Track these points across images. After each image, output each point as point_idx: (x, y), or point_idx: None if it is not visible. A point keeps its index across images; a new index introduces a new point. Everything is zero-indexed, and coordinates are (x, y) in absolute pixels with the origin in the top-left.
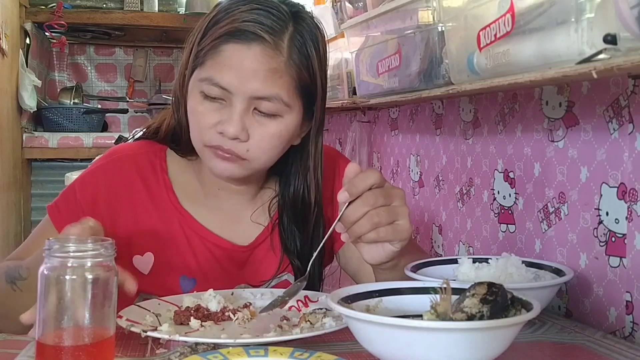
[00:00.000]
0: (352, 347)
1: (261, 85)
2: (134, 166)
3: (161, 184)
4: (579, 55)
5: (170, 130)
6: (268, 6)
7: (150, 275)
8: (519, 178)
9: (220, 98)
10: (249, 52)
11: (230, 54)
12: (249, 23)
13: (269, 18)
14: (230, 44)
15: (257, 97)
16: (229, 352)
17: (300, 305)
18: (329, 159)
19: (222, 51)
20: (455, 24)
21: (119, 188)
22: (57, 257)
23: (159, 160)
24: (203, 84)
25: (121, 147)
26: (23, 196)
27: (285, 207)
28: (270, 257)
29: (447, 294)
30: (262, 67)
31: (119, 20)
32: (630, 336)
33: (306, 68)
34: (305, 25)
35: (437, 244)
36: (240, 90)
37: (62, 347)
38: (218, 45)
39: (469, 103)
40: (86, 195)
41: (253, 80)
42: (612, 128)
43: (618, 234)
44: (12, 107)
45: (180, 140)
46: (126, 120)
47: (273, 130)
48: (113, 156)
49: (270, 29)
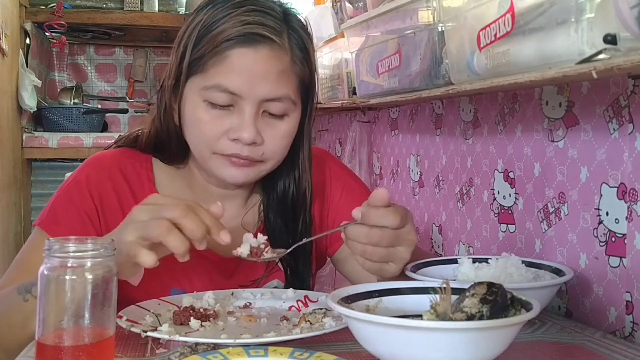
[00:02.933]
0: (352, 347)
1: (272, 88)
2: (120, 174)
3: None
4: (579, 55)
5: (152, 139)
6: (264, 7)
7: (140, 288)
8: (519, 178)
9: (229, 104)
10: (257, 55)
11: (238, 59)
12: (253, 25)
13: (269, 19)
14: (236, 48)
15: (267, 99)
16: (229, 352)
17: (300, 305)
18: (318, 160)
19: (227, 57)
20: (455, 24)
21: (110, 197)
22: (57, 257)
23: (145, 171)
24: (208, 92)
25: (102, 155)
26: (23, 196)
27: (271, 205)
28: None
29: (447, 294)
30: (271, 69)
31: (119, 20)
32: (630, 336)
33: (307, 64)
34: (295, 20)
35: (437, 244)
36: (251, 94)
37: (62, 347)
38: (222, 51)
39: (469, 103)
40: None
41: (264, 83)
42: (612, 128)
43: (618, 234)
44: (12, 107)
45: (166, 149)
46: (126, 120)
47: (284, 129)
48: (97, 164)
49: (274, 29)
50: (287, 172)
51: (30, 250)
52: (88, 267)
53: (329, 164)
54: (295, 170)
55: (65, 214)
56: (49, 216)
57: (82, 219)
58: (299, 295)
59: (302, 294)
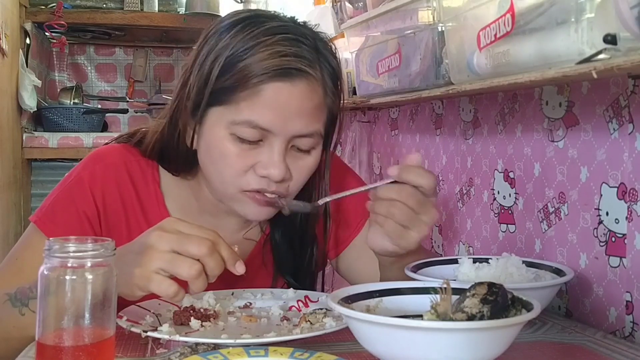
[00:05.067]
0: (352, 347)
1: (306, 124)
2: (126, 173)
3: (152, 196)
4: (579, 55)
5: (157, 148)
6: (297, 34)
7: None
8: (519, 178)
9: (258, 139)
10: (294, 90)
11: (273, 94)
12: (290, 58)
13: (304, 49)
14: (272, 83)
15: (299, 135)
16: (229, 352)
17: (300, 305)
18: (335, 174)
19: (261, 91)
20: (455, 24)
21: (114, 197)
22: (57, 257)
23: (150, 170)
24: (237, 126)
25: (107, 150)
26: (23, 196)
27: (278, 224)
28: (263, 273)
29: (447, 294)
30: (307, 104)
31: (119, 20)
32: (630, 336)
33: (337, 97)
34: (325, 47)
35: (437, 244)
36: (283, 131)
37: (62, 347)
38: (256, 85)
39: (469, 103)
40: (89, 204)
41: (298, 120)
42: (612, 128)
43: (618, 234)
44: (12, 107)
45: (171, 162)
46: (126, 120)
47: (309, 163)
48: (104, 161)
49: (309, 61)
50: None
51: (25, 248)
52: (88, 267)
53: (347, 179)
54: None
55: (64, 214)
56: (46, 214)
57: (80, 220)
58: (299, 295)
59: (303, 294)
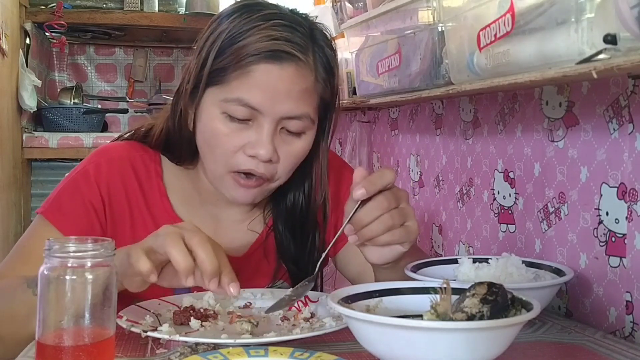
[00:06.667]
0: (352, 347)
1: (294, 106)
2: (130, 168)
3: (155, 189)
4: (579, 55)
5: (162, 137)
6: (291, 22)
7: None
8: (519, 178)
9: (247, 119)
10: (282, 73)
11: (262, 75)
12: (280, 42)
13: (296, 35)
14: (262, 64)
15: (287, 117)
16: (229, 352)
17: (300, 305)
18: (332, 167)
19: (252, 71)
20: (455, 24)
21: (118, 190)
22: (57, 257)
23: (153, 164)
24: (228, 104)
25: (113, 147)
26: (23, 196)
27: (280, 214)
28: (264, 265)
29: (447, 294)
30: (295, 87)
31: (119, 20)
32: (630, 336)
33: (330, 83)
34: (321, 37)
35: (437, 244)
36: (271, 111)
37: (62, 347)
38: (246, 65)
39: (469, 103)
40: (95, 195)
41: (286, 101)
42: (612, 128)
43: (618, 234)
44: (12, 107)
45: (176, 150)
46: (126, 120)
47: (299, 148)
48: (108, 155)
49: (301, 47)
50: (297, 184)
51: (33, 238)
52: (88, 267)
53: (345, 174)
54: (306, 182)
55: (71, 204)
56: (53, 204)
57: (87, 210)
58: None
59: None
